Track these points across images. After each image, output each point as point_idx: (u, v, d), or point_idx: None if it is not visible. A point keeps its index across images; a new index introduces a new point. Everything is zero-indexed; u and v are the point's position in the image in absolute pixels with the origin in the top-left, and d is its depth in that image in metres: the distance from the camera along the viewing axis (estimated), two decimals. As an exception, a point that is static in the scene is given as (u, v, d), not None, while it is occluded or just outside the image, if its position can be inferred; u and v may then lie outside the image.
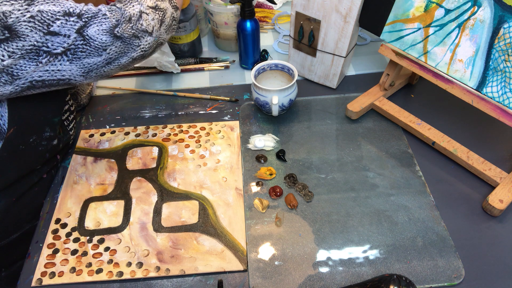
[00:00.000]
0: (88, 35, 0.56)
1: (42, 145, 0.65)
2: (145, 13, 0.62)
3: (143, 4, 0.63)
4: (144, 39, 0.63)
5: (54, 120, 0.66)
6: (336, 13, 0.76)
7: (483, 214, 0.66)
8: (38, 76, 0.55)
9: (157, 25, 0.64)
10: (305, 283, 0.59)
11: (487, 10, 0.60)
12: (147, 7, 0.63)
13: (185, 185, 0.71)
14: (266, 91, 0.76)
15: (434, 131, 0.75)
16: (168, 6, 0.67)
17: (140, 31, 0.61)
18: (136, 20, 0.61)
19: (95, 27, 0.56)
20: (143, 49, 0.64)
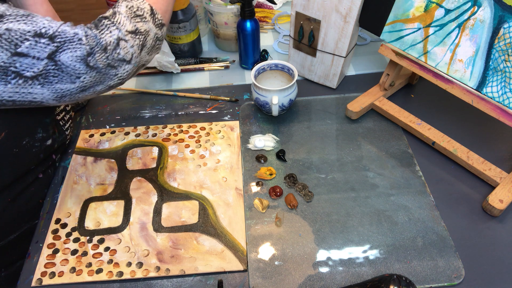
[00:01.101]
0: (60, 61, 0.52)
1: (35, 146, 0.65)
2: (123, 40, 0.56)
3: (121, 30, 0.56)
4: (122, 68, 0.57)
5: (46, 120, 0.66)
6: (336, 13, 0.76)
7: (483, 214, 0.66)
8: (8, 97, 0.53)
9: (137, 51, 0.58)
10: (305, 283, 0.59)
11: (487, 10, 0.60)
12: (126, 33, 0.57)
13: (185, 185, 0.71)
14: (266, 91, 0.76)
15: (434, 131, 0.75)
16: (150, 27, 0.60)
17: (116, 60, 0.56)
18: (113, 49, 0.55)
19: (69, 53, 0.52)
20: (121, 77, 0.59)
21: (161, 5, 0.63)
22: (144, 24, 0.59)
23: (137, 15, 0.59)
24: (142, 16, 0.59)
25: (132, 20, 0.58)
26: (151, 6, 0.60)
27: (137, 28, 0.58)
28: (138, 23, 0.58)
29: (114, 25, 0.56)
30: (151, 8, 0.60)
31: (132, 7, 0.59)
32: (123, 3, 0.59)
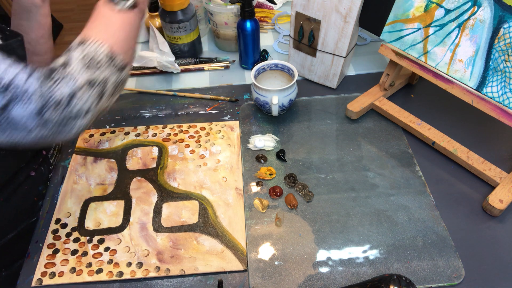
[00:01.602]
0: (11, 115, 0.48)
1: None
2: (77, 93, 0.51)
3: (76, 81, 0.51)
4: (79, 120, 0.52)
5: None
6: (336, 13, 0.76)
7: (483, 214, 0.66)
8: None
9: (94, 102, 0.53)
10: (305, 283, 0.59)
11: (487, 10, 0.60)
12: (81, 84, 0.51)
13: (185, 185, 0.71)
14: (266, 91, 0.76)
15: (434, 131, 0.75)
16: (110, 73, 0.55)
17: (72, 114, 0.51)
18: (66, 105, 0.50)
19: (20, 108, 0.48)
20: (79, 130, 0.54)
21: (122, 45, 0.57)
22: (101, 73, 0.54)
23: (93, 63, 0.53)
24: (99, 64, 0.54)
25: (88, 70, 0.52)
26: (109, 49, 0.55)
27: (94, 78, 0.53)
28: (95, 73, 0.53)
29: (66, 79, 0.50)
30: (109, 52, 0.55)
31: (86, 55, 0.53)
32: (77, 50, 0.53)
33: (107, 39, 0.56)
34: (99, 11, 0.58)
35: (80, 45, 0.54)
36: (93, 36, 0.55)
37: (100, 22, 0.57)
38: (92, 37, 0.55)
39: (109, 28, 0.57)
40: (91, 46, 0.54)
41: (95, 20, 0.58)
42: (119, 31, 0.58)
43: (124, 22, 0.58)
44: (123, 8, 0.58)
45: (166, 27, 0.91)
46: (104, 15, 0.58)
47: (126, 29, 0.59)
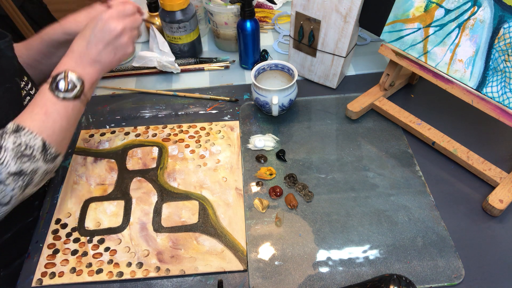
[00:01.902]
0: None
1: None
2: (5, 181, 0.50)
3: (5, 171, 0.50)
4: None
5: None
6: (336, 13, 0.76)
7: (483, 214, 0.66)
8: None
9: (18, 192, 0.52)
10: (305, 283, 0.59)
11: (487, 10, 0.60)
12: (7, 175, 0.50)
13: (185, 185, 0.71)
14: (266, 91, 0.76)
15: (434, 131, 0.75)
16: (40, 166, 0.53)
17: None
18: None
19: None
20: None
21: (58, 136, 0.56)
22: (32, 164, 0.53)
23: (25, 154, 0.52)
24: (31, 155, 0.52)
25: (18, 161, 0.51)
26: (43, 142, 0.54)
27: (22, 170, 0.52)
28: (25, 164, 0.52)
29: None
30: (43, 144, 0.54)
31: (20, 145, 0.52)
32: (11, 137, 0.52)
33: (43, 131, 0.54)
34: (42, 97, 0.56)
35: (15, 132, 0.52)
36: (29, 125, 0.54)
37: (40, 110, 0.55)
38: (27, 127, 0.53)
39: (47, 118, 0.55)
40: (25, 137, 0.53)
41: (35, 107, 0.55)
42: (58, 122, 0.56)
43: (65, 112, 0.56)
44: (66, 97, 0.56)
45: (166, 27, 0.91)
46: (45, 103, 0.55)
47: (66, 119, 0.57)
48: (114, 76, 0.95)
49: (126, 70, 0.95)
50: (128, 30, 0.60)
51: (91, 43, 0.58)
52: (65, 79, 0.56)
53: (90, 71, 0.58)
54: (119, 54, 0.61)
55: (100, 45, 0.58)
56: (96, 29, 0.58)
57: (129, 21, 0.60)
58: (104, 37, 0.58)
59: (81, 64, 0.58)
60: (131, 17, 0.61)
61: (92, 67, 0.59)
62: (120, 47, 0.60)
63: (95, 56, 0.58)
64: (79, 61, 0.58)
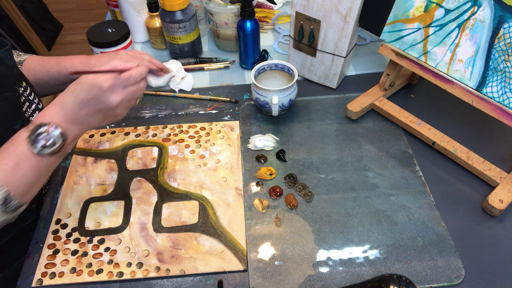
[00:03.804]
0: None
1: None
2: None
3: None
4: None
5: (15, 128, 0.62)
6: (336, 13, 0.76)
7: (483, 214, 0.66)
8: None
9: None
10: (305, 283, 0.59)
11: (487, 10, 0.60)
12: None
13: (185, 185, 0.71)
14: (266, 91, 0.76)
15: (434, 131, 0.75)
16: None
17: None
18: None
19: None
20: None
21: (24, 189, 0.53)
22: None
23: None
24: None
25: None
26: (6, 195, 0.51)
27: None
28: None
29: None
30: (6, 198, 0.51)
31: None
32: None
33: (9, 183, 0.51)
34: (16, 146, 0.52)
35: None
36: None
37: (10, 160, 0.52)
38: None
39: (17, 171, 0.52)
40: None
41: (7, 155, 0.52)
42: (27, 175, 0.52)
43: (37, 166, 0.53)
44: (42, 153, 0.52)
45: (166, 27, 0.91)
46: (18, 154, 0.52)
47: (37, 173, 0.53)
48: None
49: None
50: (126, 102, 0.56)
51: (83, 106, 0.54)
52: (46, 134, 0.52)
53: (75, 129, 0.55)
54: (108, 120, 0.58)
55: (92, 110, 0.55)
56: (90, 95, 0.53)
57: (130, 92, 0.56)
58: (97, 105, 0.54)
59: (68, 121, 0.54)
60: (135, 86, 0.56)
61: (77, 126, 0.55)
62: (111, 116, 0.57)
63: (83, 118, 0.55)
64: (66, 117, 0.54)
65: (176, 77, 0.90)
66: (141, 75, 0.56)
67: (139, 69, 0.56)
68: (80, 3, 2.93)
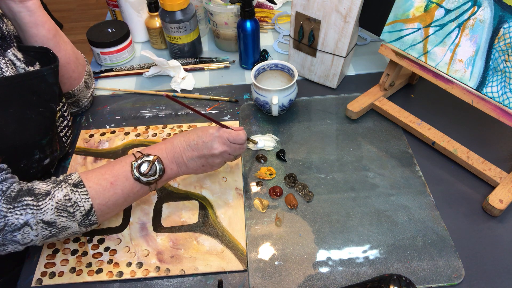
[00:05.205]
0: None
1: (32, 167, 0.64)
2: (29, 226, 0.50)
3: (36, 217, 0.50)
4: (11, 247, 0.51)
5: (42, 142, 0.64)
6: (336, 13, 0.76)
7: (483, 214, 0.66)
8: None
9: (39, 240, 0.52)
10: (305, 283, 0.59)
11: (487, 10, 0.60)
12: (39, 221, 0.50)
13: (185, 185, 0.71)
14: (266, 91, 0.76)
15: (434, 131, 0.75)
16: (73, 226, 0.53)
17: (8, 241, 0.50)
18: (11, 232, 0.49)
19: None
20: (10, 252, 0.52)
21: (106, 208, 0.56)
22: (67, 221, 0.53)
23: (68, 210, 0.52)
24: (72, 214, 0.53)
25: (57, 213, 0.51)
26: (91, 207, 0.54)
27: (55, 222, 0.52)
28: (61, 218, 0.52)
29: (34, 209, 0.50)
30: (90, 210, 0.54)
31: (69, 199, 0.52)
32: (67, 189, 0.53)
33: (99, 198, 0.55)
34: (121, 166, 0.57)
35: (74, 186, 0.53)
36: (91, 185, 0.54)
37: (108, 177, 0.56)
38: (88, 186, 0.54)
39: (110, 189, 0.55)
40: (79, 195, 0.53)
41: (105, 173, 0.56)
42: (117, 197, 0.56)
43: (129, 190, 0.57)
44: (140, 179, 0.57)
45: (166, 27, 0.91)
46: (118, 174, 0.56)
47: (126, 197, 0.57)
48: (114, 76, 0.95)
49: (126, 70, 0.95)
50: (226, 154, 0.62)
51: (190, 147, 0.60)
52: (150, 164, 0.57)
53: (174, 168, 0.60)
54: (205, 168, 0.63)
55: (196, 153, 0.60)
56: (200, 139, 0.60)
57: (233, 149, 0.62)
58: (202, 149, 0.60)
59: (172, 159, 0.60)
60: (237, 145, 0.63)
61: (177, 166, 0.61)
62: (209, 165, 0.63)
63: (185, 159, 0.60)
64: (171, 155, 0.60)
65: (176, 77, 0.90)
66: (245, 137, 0.64)
67: (243, 132, 0.64)
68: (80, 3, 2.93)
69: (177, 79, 0.89)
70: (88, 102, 0.84)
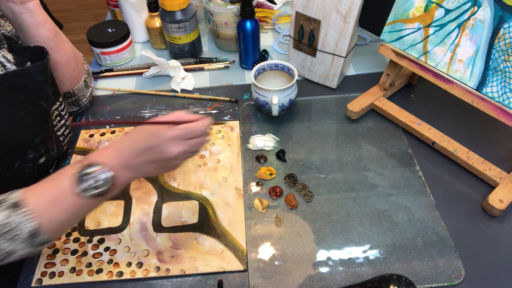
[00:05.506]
0: None
1: (27, 167, 0.63)
2: None
3: None
4: None
5: (35, 141, 0.62)
6: (336, 13, 0.76)
7: (483, 214, 0.66)
8: None
9: None
10: (305, 283, 0.59)
11: (487, 10, 0.60)
12: None
13: (185, 185, 0.71)
14: (266, 91, 0.76)
15: (434, 131, 0.75)
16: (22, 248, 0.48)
17: None
18: None
19: None
20: None
21: (55, 226, 0.50)
22: (11, 245, 0.47)
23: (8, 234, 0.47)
24: (15, 238, 0.47)
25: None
26: (36, 228, 0.48)
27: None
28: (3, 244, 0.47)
29: None
30: (35, 230, 0.48)
31: (8, 224, 0.47)
32: (6, 212, 0.47)
33: (43, 216, 0.49)
34: (60, 181, 0.50)
35: (12, 208, 0.48)
36: (32, 205, 0.48)
37: (51, 194, 0.50)
38: (29, 207, 0.48)
39: (54, 206, 0.49)
40: (20, 217, 0.47)
41: (47, 189, 0.50)
42: (63, 213, 0.50)
43: (76, 207, 0.51)
44: (83, 194, 0.50)
45: (166, 27, 0.91)
46: (59, 190, 0.50)
47: (74, 213, 0.51)
48: (114, 76, 0.95)
49: (126, 70, 0.95)
50: (185, 154, 0.54)
51: (141, 153, 0.53)
52: (93, 175, 0.49)
53: (127, 175, 0.53)
54: (163, 170, 0.57)
55: (148, 159, 0.53)
56: (151, 143, 0.52)
57: (191, 145, 0.54)
58: (155, 155, 0.53)
59: (122, 165, 0.52)
60: (198, 139, 0.54)
61: (130, 172, 0.53)
62: (166, 167, 0.56)
63: (138, 165, 0.53)
64: (121, 162, 0.52)
65: (176, 77, 0.90)
66: (205, 128, 0.55)
67: (204, 121, 0.54)
68: (80, 3, 2.93)
69: (177, 79, 0.89)
70: (87, 101, 0.84)
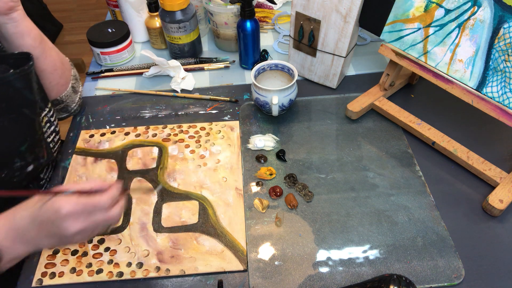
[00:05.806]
0: None
1: (15, 176, 0.63)
2: None
3: None
4: None
5: (21, 149, 0.62)
6: (336, 13, 0.76)
7: (483, 214, 0.66)
8: None
9: None
10: (305, 283, 0.59)
11: (487, 10, 0.60)
12: None
13: (185, 185, 0.71)
14: (266, 91, 0.76)
15: (434, 131, 0.75)
16: None
17: None
18: None
19: None
20: None
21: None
22: None
23: None
24: None
25: None
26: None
27: None
28: None
29: None
30: None
31: None
32: None
33: None
34: None
35: None
36: None
37: None
38: None
39: None
40: None
41: None
42: None
43: None
44: None
45: (166, 27, 0.91)
46: None
47: None
48: (114, 76, 0.95)
49: (126, 70, 0.95)
50: (88, 231, 0.47)
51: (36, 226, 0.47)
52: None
53: (18, 248, 0.47)
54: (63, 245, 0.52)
55: (44, 233, 0.47)
56: (47, 216, 0.46)
57: (95, 222, 0.47)
58: (51, 229, 0.46)
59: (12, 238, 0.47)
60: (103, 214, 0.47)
61: (23, 245, 0.47)
62: (66, 242, 0.48)
63: (33, 238, 0.47)
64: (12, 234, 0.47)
65: (176, 77, 0.90)
66: (110, 201, 0.47)
67: (110, 192, 0.48)
68: (80, 3, 2.93)
69: (177, 79, 0.89)
70: (77, 106, 0.83)
